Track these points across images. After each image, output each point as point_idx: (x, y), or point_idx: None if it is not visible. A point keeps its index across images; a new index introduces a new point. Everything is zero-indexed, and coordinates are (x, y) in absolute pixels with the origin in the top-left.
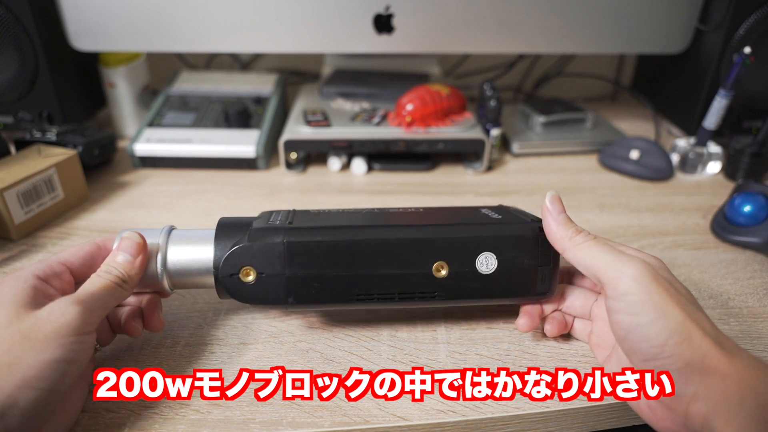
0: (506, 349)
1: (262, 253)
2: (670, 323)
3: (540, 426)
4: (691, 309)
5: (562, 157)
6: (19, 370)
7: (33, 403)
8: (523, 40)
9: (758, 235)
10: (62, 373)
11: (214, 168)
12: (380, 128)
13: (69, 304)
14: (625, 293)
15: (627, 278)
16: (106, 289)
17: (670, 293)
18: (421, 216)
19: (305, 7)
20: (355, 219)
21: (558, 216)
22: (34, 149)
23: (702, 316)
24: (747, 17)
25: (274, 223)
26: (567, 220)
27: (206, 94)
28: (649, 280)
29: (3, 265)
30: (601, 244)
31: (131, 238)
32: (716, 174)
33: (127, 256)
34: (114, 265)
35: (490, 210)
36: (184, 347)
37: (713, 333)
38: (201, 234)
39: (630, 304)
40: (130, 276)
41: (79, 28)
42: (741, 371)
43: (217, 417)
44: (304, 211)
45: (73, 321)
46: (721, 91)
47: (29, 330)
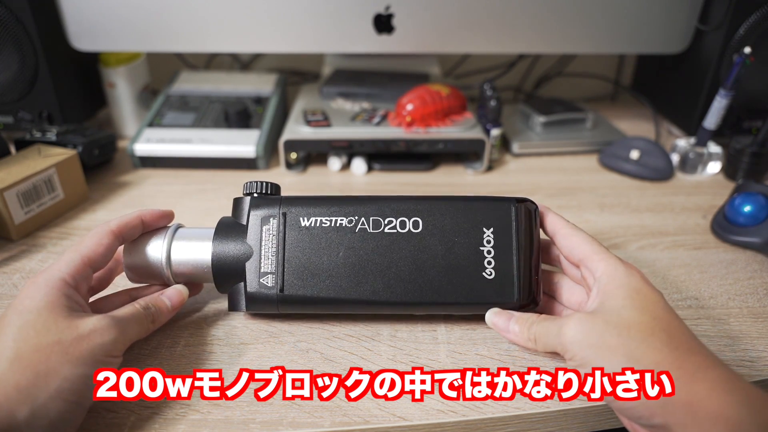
0: (506, 349)
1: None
2: (613, 365)
3: (540, 426)
4: (634, 345)
5: (562, 157)
6: (55, 381)
7: (62, 414)
8: (523, 40)
9: (758, 235)
10: (91, 389)
11: (214, 168)
12: (380, 128)
13: (110, 326)
14: (571, 355)
15: (567, 343)
16: (140, 323)
17: (605, 339)
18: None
19: (305, 7)
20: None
21: (510, 328)
22: (34, 149)
23: (650, 347)
24: (747, 17)
25: (265, 277)
26: (518, 326)
27: (206, 94)
28: (582, 336)
29: (3, 265)
30: (544, 327)
31: (180, 291)
32: (716, 174)
33: (168, 304)
34: (154, 304)
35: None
36: (184, 347)
37: (668, 361)
38: (203, 233)
39: (578, 361)
40: (160, 321)
41: (79, 28)
42: (705, 397)
43: (217, 417)
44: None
45: (110, 343)
46: (721, 91)
47: (69, 343)
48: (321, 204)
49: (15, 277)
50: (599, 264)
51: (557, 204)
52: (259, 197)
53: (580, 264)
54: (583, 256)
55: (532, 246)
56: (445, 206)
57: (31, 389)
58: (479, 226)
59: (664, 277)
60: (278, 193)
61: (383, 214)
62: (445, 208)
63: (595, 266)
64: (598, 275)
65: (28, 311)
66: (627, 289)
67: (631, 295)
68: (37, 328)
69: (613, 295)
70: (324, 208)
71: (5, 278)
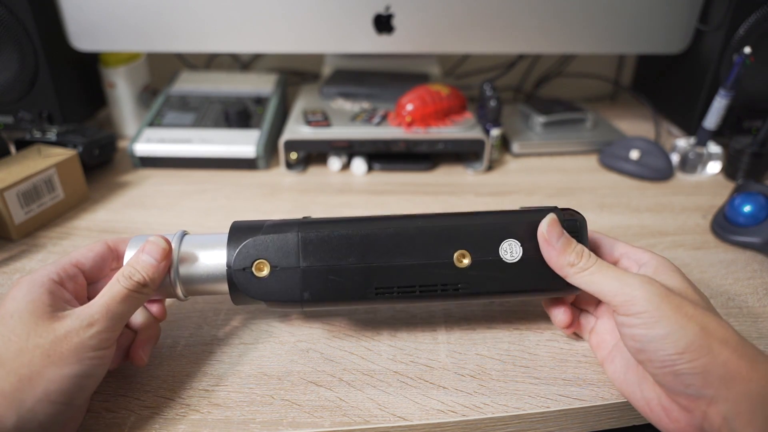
0: (506, 349)
1: (276, 245)
2: (688, 334)
3: (540, 426)
4: (707, 320)
5: (562, 157)
6: (40, 383)
7: (52, 417)
8: (523, 40)
9: (758, 235)
10: (80, 388)
11: (214, 168)
12: (380, 128)
13: (90, 324)
14: (638, 312)
15: (639, 300)
16: (125, 300)
17: (684, 308)
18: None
19: (305, 7)
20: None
21: (557, 243)
22: (34, 149)
23: (719, 324)
24: (747, 17)
25: (287, 220)
26: (565, 246)
27: (206, 94)
28: (660, 298)
29: (3, 265)
30: (605, 269)
31: (157, 242)
32: (716, 174)
33: (151, 260)
34: (137, 267)
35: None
36: (184, 347)
37: (733, 341)
38: (214, 238)
39: (645, 321)
40: (152, 279)
41: (79, 28)
42: (763, 377)
43: (217, 417)
44: (316, 219)
45: (93, 338)
46: (721, 91)
47: (50, 345)
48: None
49: (15, 277)
50: (644, 254)
51: (557, 204)
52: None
53: (621, 257)
54: (624, 251)
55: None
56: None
57: (16, 394)
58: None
59: None
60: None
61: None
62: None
63: (639, 255)
64: (645, 261)
65: (10, 315)
66: (680, 275)
67: (686, 280)
68: (17, 332)
69: (672, 277)
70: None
71: (5, 278)
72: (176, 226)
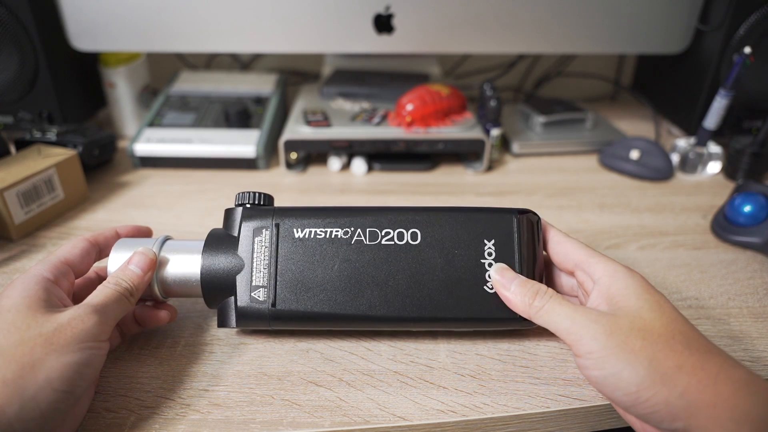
0: (506, 349)
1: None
2: (638, 372)
3: (540, 426)
4: (657, 348)
5: (562, 157)
6: (42, 371)
7: (53, 404)
8: (523, 40)
9: (758, 235)
10: (81, 376)
11: (214, 168)
12: (380, 128)
13: (88, 313)
14: (588, 352)
15: (585, 339)
16: (117, 301)
17: (630, 343)
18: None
19: (305, 8)
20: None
21: (511, 287)
22: (34, 149)
23: (670, 348)
24: (747, 17)
25: (257, 291)
26: (520, 288)
27: (206, 94)
28: (606, 336)
29: (3, 265)
30: (557, 305)
31: (145, 254)
32: (716, 174)
33: (138, 271)
34: (123, 277)
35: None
36: (184, 347)
37: (689, 363)
38: (191, 245)
39: (595, 361)
40: (138, 289)
41: (79, 28)
42: (729, 398)
43: (217, 417)
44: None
45: (92, 328)
46: (721, 91)
47: (51, 333)
48: (315, 215)
49: (14, 277)
50: (597, 266)
51: (557, 204)
52: (252, 208)
53: (576, 269)
54: (579, 260)
55: (535, 258)
56: (444, 217)
57: (18, 381)
58: (480, 238)
59: (664, 277)
60: (271, 204)
61: (380, 226)
62: (445, 219)
63: (593, 269)
64: (598, 276)
65: (7, 310)
66: (635, 289)
67: (642, 296)
68: (17, 324)
69: (624, 296)
70: (319, 219)
71: (5, 278)
72: (176, 226)
